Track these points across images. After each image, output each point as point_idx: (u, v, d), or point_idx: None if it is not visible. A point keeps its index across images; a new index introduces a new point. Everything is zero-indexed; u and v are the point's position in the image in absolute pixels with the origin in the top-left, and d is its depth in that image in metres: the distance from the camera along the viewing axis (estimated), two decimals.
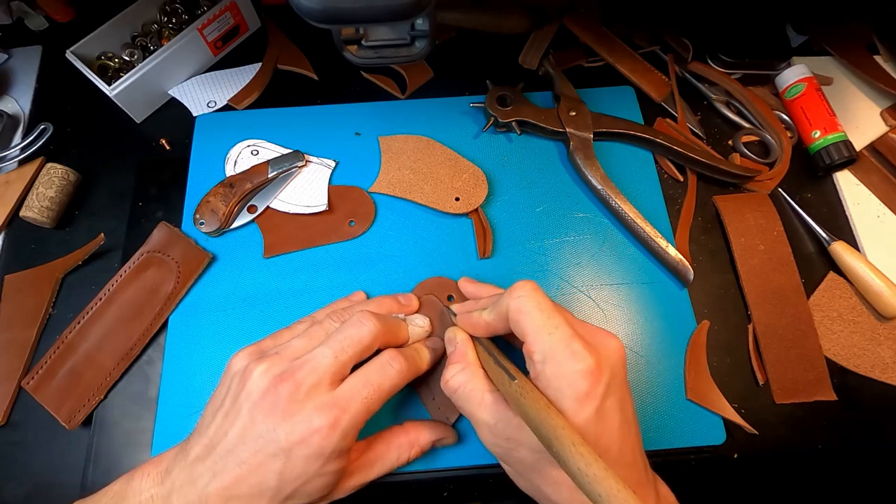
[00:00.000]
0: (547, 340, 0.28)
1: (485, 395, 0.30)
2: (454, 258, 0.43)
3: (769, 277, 0.43)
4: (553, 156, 0.47)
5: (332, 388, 0.30)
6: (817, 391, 0.40)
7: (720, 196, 0.46)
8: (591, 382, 0.27)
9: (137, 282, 0.41)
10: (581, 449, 0.23)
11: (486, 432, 0.30)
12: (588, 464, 0.23)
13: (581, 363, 0.27)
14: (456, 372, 0.32)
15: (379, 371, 0.31)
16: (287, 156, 0.45)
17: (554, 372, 0.27)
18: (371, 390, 0.30)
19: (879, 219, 0.47)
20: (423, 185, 0.44)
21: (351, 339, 0.31)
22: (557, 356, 0.27)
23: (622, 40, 0.53)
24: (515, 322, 0.29)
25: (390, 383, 0.31)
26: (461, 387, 0.31)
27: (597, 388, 0.27)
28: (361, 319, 0.32)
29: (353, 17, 0.30)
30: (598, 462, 0.23)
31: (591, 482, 0.22)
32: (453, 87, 0.50)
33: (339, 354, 0.30)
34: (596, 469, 0.23)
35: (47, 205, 0.43)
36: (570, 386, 0.27)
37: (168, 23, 0.51)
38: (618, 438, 0.27)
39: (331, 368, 0.30)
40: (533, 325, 0.28)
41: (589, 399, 0.27)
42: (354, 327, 0.32)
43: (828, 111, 0.48)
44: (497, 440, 0.30)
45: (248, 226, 0.44)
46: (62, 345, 0.39)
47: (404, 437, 0.35)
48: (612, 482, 0.22)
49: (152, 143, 0.48)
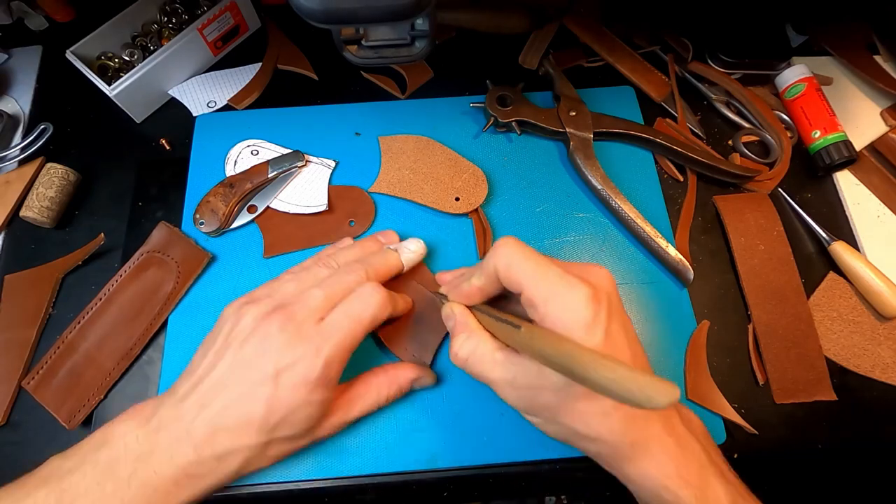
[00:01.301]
0: (542, 282, 0.29)
1: (495, 353, 0.31)
2: (454, 258, 0.43)
3: (769, 277, 0.43)
4: (553, 156, 0.47)
5: (319, 322, 0.32)
6: (817, 391, 0.40)
7: (720, 196, 0.46)
8: (594, 308, 0.28)
9: (137, 282, 0.41)
10: (603, 361, 0.23)
11: (507, 388, 0.31)
12: (614, 369, 0.23)
13: (580, 292, 0.28)
14: (462, 342, 0.32)
15: (359, 302, 0.33)
16: (287, 156, 0.45)
17: (557, 308, 0.28)
18: (351, 320, 0.32)
19: (879, 219, 0.47)
20: (423, 185, 0.44)
21: (341, 283, 0.33)
22: (556, 293, 0.28)
23: (622, 40, 0.53)
24: (507, 277, 0.30)
25: (370, 313, 0.33)
26: (471, 354, 0.32)
27: (599, 312, 0.28)
28: (353, 268, 0.34)
29: (353, 17, 0.30)
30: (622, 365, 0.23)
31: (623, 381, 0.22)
32: (453, 87, 0.50)
33: (330, 296, 0.32)
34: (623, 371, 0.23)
35: (47, 205, 0.43)
36: (576, 316, 0.28)
37: (168, 23, 0.51)
38: (629, 356, 0.29)
39: (320, 306, 0.32)
40: (525, 273, 0.29)
41: (595, 324, 0.28)
42: (346, 274, 0.34)
43: (828, 111, 0.48)
44: (520, 392, 0.30)
45: (248, 226, 0.44)
46: (62, 345, 0.39)
47: (383, 375, 0.36)
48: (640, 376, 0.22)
49: (152, 143, 0.48)
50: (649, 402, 0.22)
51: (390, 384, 0.36)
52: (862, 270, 0.42)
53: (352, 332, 0.32)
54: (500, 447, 0.37)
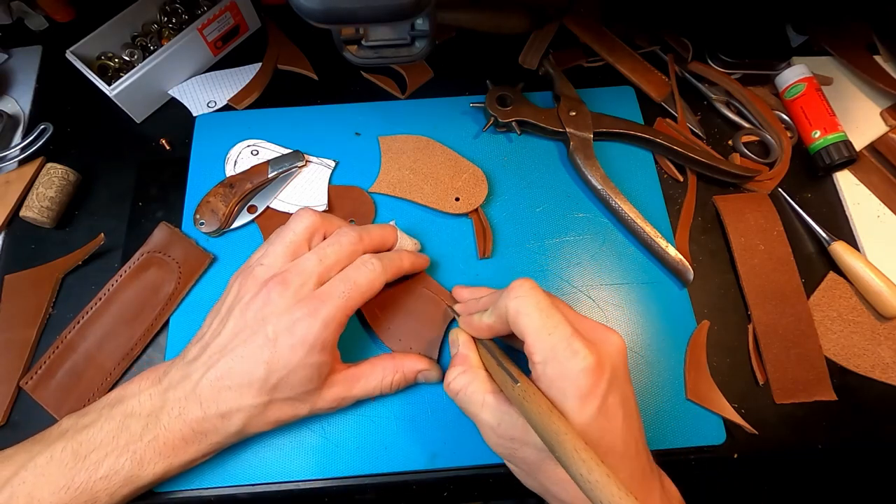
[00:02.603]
0: (547, 340, 0.28)
1: (486, 396, 0.31)
2: (454, 258, 0.43)
3: (769, 277, 0.43)
4: (553, 156, 0.47)
5: (317, 287, 0.33)
6: (817, 391, 0.40)
7: (720, 196, 0.46)
8: (593, 380, 0.27)
9: (138, 282, 0.41)
10: (583, 455, 0.23)
11: (490, 433, 0.31)
12: (590, 470, 0.23)
13: (582, 362, 0.27)
14: (457, 374, 0.32)
15: (356, 269, 0.34)
16: (287, 156, 0.45)
17: (555, 372, 0.28)
18: (348, 286, 0.33)
19: (879, 219, 0.47)
20: (423, 185, 0.44)
21: (333, 247, 0.34)
22: (558, 356, 0.28)
23: (622, 40, 0.53)
24: (515, 323, 0.30)
25: (366, 279, 0.33)
26: (462, 389, 0.32)
27: (599, 385, 0.27)
28: (342, 233, 0.35)
29: (353, 17, 0.30)
30: (600, 467, 0.23)
31: (594, 488, 0.23)
32: (453, 87, 0.50)
33: (323, 259, 0.33)
34: (598, 475, 0.23)
35: (47, 205, 0.43)
36: (573, 385, 0.27)
37: (168, 23, 0.51)
38: (621, 434, 0.28)
39: (316, 270, 0.33)
40: (532, 325, 0.29)
41: (591, 397, 0.27)
42: (335, 240, 0.35)
43: (828, 111, 0.48)
44: (501, 441, 0.30)
45: (249, 226, 0.44)
46: (62, 344, 0.39)
47: (389, 361, 0.37)
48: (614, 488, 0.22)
49: (152, 143, 0.48)
50: None
51: (395, 370, 0.36)
52: (862, 270, 0.42)
53: (347, 297, 0.32)
54: None
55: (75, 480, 0.29)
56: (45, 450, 0.30)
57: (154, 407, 0.32)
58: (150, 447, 0.31)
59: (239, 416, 0.32)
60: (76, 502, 0.29)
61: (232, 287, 0.35)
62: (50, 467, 0.30)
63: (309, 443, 0.37)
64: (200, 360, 0.32)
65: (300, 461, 0.37)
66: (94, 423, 0.31)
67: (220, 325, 0.33)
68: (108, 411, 0.32)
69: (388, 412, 0.38)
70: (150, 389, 0.32)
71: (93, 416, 0.32)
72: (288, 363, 0.31)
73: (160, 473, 0.31)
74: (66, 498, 0.29)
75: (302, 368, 0.31)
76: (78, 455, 0.30)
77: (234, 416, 0.32)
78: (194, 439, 0.32)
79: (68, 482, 0.29)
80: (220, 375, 0.31)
